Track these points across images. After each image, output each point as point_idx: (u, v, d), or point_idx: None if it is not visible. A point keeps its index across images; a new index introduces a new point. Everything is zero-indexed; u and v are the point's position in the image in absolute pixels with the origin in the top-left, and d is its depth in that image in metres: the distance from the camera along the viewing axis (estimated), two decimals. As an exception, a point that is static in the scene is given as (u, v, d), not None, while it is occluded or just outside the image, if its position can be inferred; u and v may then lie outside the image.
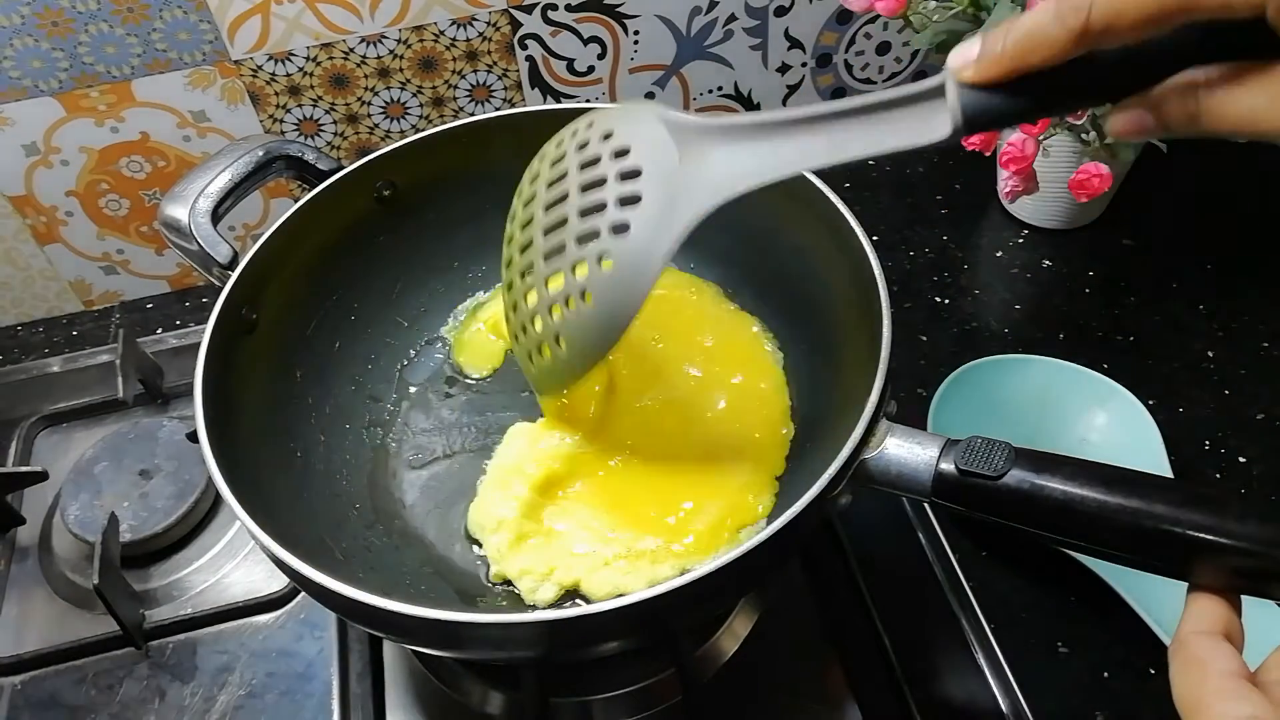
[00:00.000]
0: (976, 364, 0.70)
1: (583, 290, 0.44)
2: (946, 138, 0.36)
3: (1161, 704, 0.57)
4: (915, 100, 0.37)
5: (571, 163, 0.46)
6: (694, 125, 0.42)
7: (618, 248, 0.43)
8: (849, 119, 0.39)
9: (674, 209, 0.42)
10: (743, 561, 0.41)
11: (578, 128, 0.47)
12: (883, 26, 0.88)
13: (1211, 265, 0.82)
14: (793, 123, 0.40)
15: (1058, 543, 0.44)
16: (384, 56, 0.80)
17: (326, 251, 0.61)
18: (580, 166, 0.45)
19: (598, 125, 0.46)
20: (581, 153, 0.46)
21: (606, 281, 0.43)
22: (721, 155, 0.42)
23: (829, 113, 0.39)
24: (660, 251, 0.42)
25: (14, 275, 0.86)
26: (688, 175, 0.42)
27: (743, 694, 0.58)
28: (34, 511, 0.71)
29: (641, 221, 0.42)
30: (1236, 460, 0.68)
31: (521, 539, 0.54)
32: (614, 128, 0.45)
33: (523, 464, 0.57)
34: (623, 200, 0.43)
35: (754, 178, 0.41)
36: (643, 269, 0.42)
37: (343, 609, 0.44)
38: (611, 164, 0.44)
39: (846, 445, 0.44)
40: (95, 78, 0.75)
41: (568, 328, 0.46)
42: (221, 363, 0.52)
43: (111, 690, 0.62)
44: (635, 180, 0.43)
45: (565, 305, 0.45)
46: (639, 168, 0.43)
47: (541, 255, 0.47)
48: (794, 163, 0.40)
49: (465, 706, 0.59)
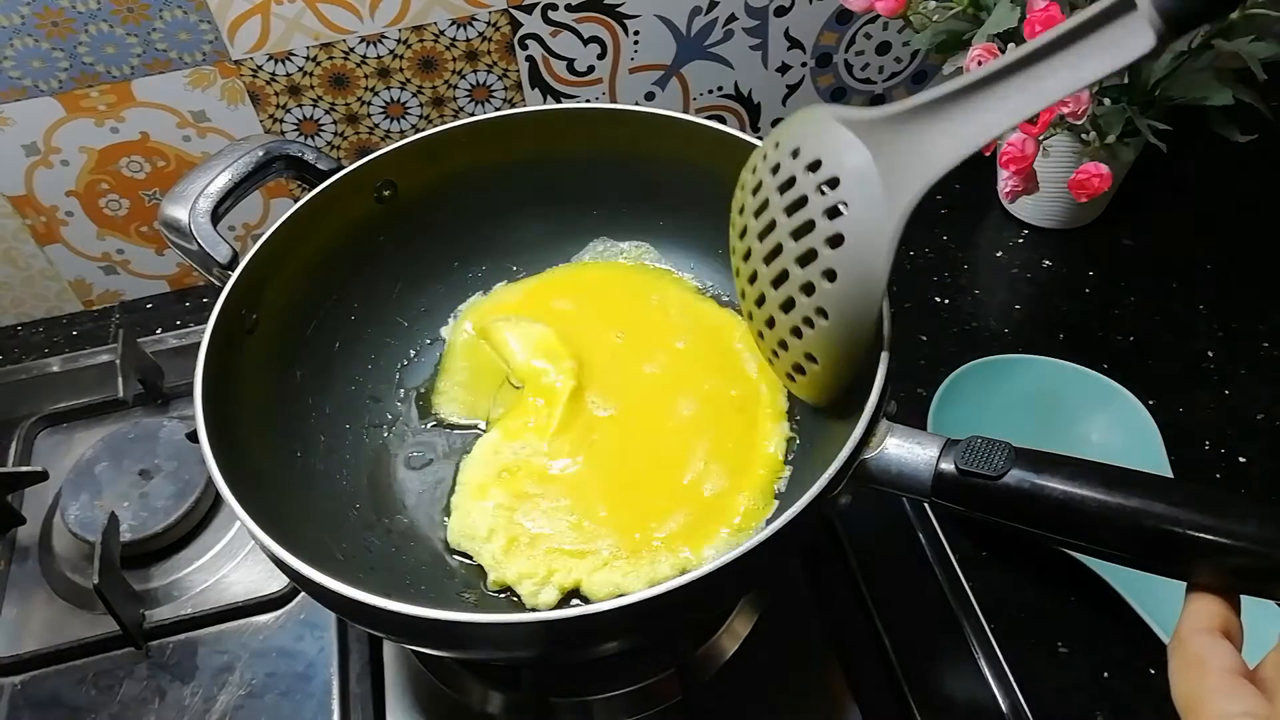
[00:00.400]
0: (976, 364, 0.70)
1: (819, 308, 0.45)
2: (1152, 47, 0.34)
3: (1161, 704, 0.57)
4: (1107, 18, 0.35)
5: (770, 189, 0.47)
6: (877, 118, 0.42)
7: (838, 260, 0.44)
8: (1040, 62, 0.37)
9: (881, 207, 0.42)
10: (743, 561, 0.41)
11: (766, 151, 0.49)
12: (883, 26, 0.88)
13: (1211, 265, 0.82)
14: (980, 84, 0.39)
15: (1058, 543, 0.44)
16: (384, 56, 0.80)
17: (326, 251, 0.61)
18: (779, 190, 0.47)
19: (784, 144, 0.47)
20: (776, 176, 0.47)
21: (837, 295, 0.44)
22: (913, 139, 0.41)
23: (1017, 61, 0.38)
24: (881, 252, 0.42)
25: (14, 275, 0.86)
26: (885, 169, 0.42)
27: (743, 694, 0.58)
28: (34, 511, 0.71)
29: (853, 229, 0.43)
30: (1236, 460, 0.68)
31: (513, 543, 0.54)
32: (800, 144, 0.46)
33: (495, 473, 0.57)
34: (829, 212, 0.44)
35: (955, 153, 0.41)
36: (868, 274, 0.43)
37: (343, 609, 0.44)
38: (808, 179, 0.45)
39: (846, 445, 0.44)
40: (95, 78, 0.75)
41: (816, 346, 0.47)
42: (221, 363, 0.52)
43: (111, 690, 0.62)
44: (835, 190, 0.43)
45: (808, 326, 0.47)
46: (835, 176, 0.44)
47: (770, 284, 0.48)
48: (991, 126, 0.39)
49: (465, 706, 0.59)
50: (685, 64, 0.86)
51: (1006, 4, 0.67)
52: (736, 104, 0.91)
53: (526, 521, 0.55)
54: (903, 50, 0.90)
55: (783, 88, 0.90)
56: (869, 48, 0.89)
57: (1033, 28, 0.64)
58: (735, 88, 0.89)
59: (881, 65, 0.91)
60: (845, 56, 0.89)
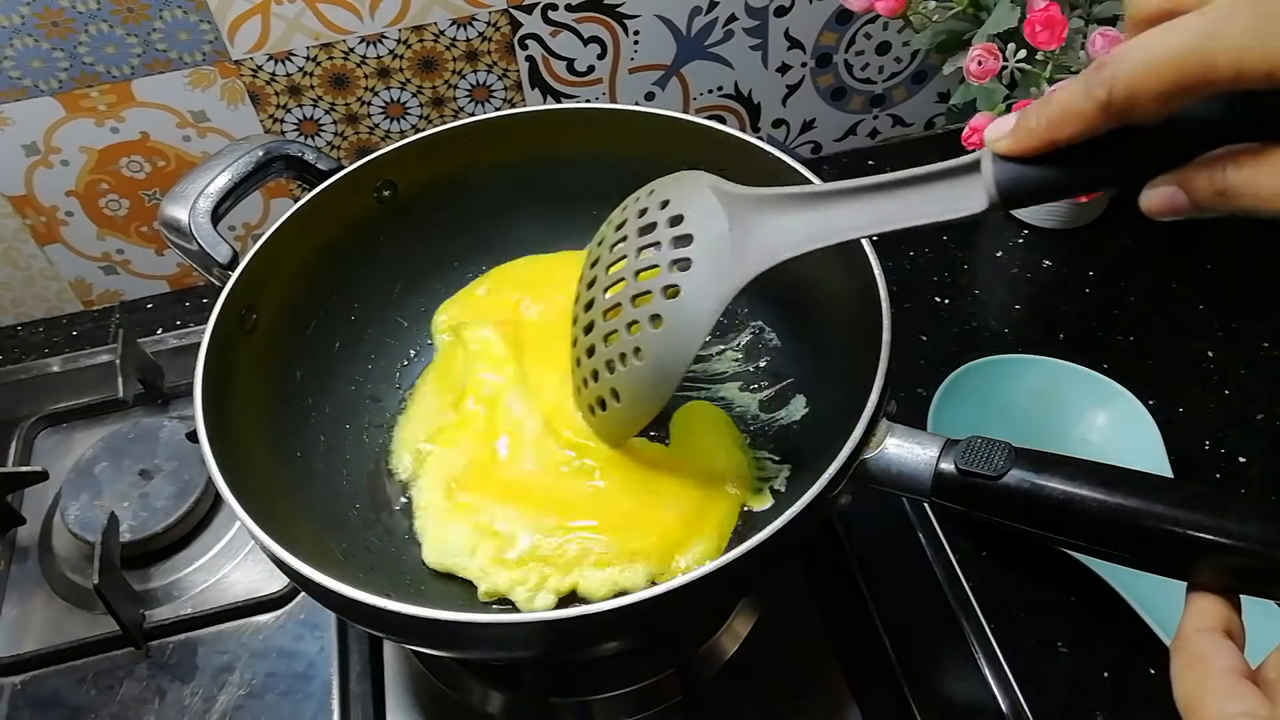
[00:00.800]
0: (976, 364, 0.70)
1: (636, 348, 0.48)
2: (982, 210, 0.38)
3: (1161, 704, 0.57)
4: (953, 174, 0.39)
5: (631, 229, 0.50)
6: (745, 195, 0.46)
7: (668, 309, 0.46)
8: (889, 190, 0.41)
9: (721, 273, 0.45)
10: (743, 561, 0.41)
11: (640, 194, 0.52)
12: (883, 26, 0.88)
13: (1211, 265, 0.82)
14: (836, 193, 0.43)
15: (1058, 543, 0.45)
16: (384, 56, 0.80)
17: (326, 251, 0.61)
18: (639, 232, 0.49)
19: (657, 193, 0.50)
20: (641, 219, 0.50)
21: (658, 339, 0.47)
22: (768, 223, 0.45)
23: (870, 185, 0.41)
24: (706, 311, 0.46)
25: (14, 275, 0.86)
26: (736, 241, 0.45)
27: (743, 694, 0.58)
28: (34, 511, 0.71)
29: (689, 285, 0.46)
30: (1236, 460, 0.68)
31: (500, 553, 0.53)
32: (670, 196, 0.49)
33: (443, 487, 0.57)
34: (676, 263, 0.46)
35: (796, 247, 0.44)
36: (691, 328, 0.46)
37: (343, 609, 0.44)
38: (666, 231, 0.48)
39: (846, 445, 0.44)
40: (95, 78, 0.75)
41: (623, 383, 0.50)
42: (221, 363, 0.52)
43: (111, 690, 0.62)
44: (687, 246, 0.46)
45: (621, 362, 0.49)
46: (691, 234, 0.46)
47: (601, 313, 0.51)
48: (834, 233, 0.43)
49: (465, 706, 0.59)
50: (685, 64, 0.86)
51: (1006, 4, 0.67)
52: (736, 104, 0.91)
53: (501, 526, 0.54)
54: (903, 50, 0.90)
55: (783, 88, 0.90)
56: (869, 48, 0.89)
57: (1033, 28, 0.64)
58: (735, 88, 0.89)
59: (881, 65, 0.91)
60: (845, 56, 0.89)
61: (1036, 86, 0.66)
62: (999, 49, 0.66)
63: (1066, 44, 0.64)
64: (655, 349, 0.47)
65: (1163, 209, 0.35)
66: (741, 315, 0.66)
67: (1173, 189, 0.34)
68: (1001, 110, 0.68)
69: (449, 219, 0.66)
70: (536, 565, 0.53)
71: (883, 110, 0.95)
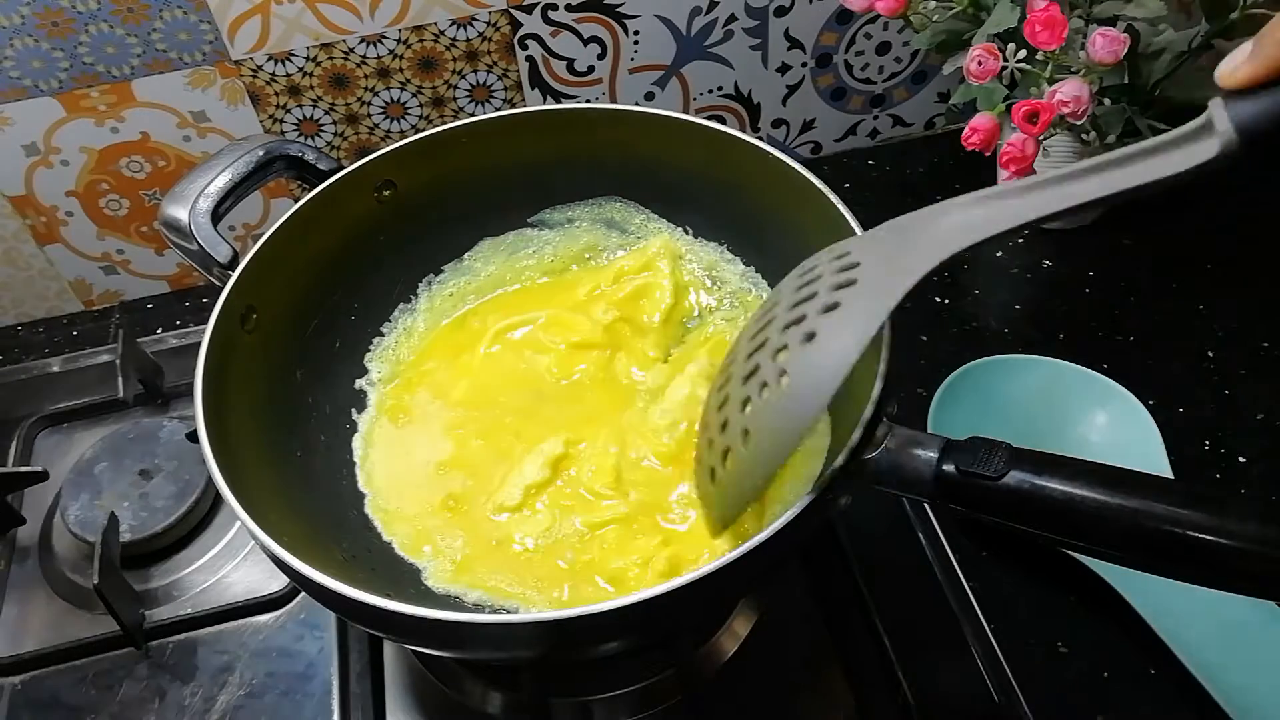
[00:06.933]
0: (976, 364, 0.70)
1: (781, 371, 0.39)
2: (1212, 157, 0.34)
3: (1161, 704, 0.57)
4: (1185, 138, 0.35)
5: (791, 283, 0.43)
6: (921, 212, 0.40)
7: (825, 324, 0.38)
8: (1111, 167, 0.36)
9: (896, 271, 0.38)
10: (743, 561, 0.41)
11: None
12: (883, 26, 0.88)
13: (1211, 265, 0.82)
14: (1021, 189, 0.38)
15: (1058, 543, 0.45)
16: (384, 56, 0.80)
17: (326, 251, 0.61)
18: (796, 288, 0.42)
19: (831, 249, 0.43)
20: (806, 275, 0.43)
21: (809, 356, 0.38)
22: (946, 219, 0.39)
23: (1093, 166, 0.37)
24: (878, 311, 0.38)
25: (14, 275, 0.86)
26: (907, 244, 0.39)
27: (743, 694, 0.58)
28: (34, 511, 0.71)
29: (853, 296, 0.38)
30: (1236, 460, 0.68)
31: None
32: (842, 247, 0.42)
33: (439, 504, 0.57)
34: (838, 285, 0.40)
35: (968, 235, 0.38)
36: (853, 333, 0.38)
37: (343, 609, 0.44)
38: (831, 264, 0.41)
39: (846, 445, 0.44)
40: (95, 78, 0.75)
41: (757, 419, 0.40)
42: (221, 363, 0.52)
43: (111, 690, 0.62)
44: (852, 270, 0.40)
45: (760, 393, 0.40)
46: (856, 261, 0.40)
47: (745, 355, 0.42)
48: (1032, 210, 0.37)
49: (465, 706, 0.59)
50: (685, 64, 0.86)
51: (1006, 4, 0.67)
52: (736, 104, 0.91)
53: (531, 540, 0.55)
54: (903, 50, 0.90)
55: (783, 88, 0.90)
56: (869, 48, 0.89)
57: (1033, 28, 0.64)
58: (735, 88, 0.89)
59: (881, 65, 0.91)
60: (845, 56, 0.89)
61: (1036, 86, 0.66)
62: (999, 49, 0.66)
63: (1066, 44, 0.64)
64: (803, 366, 0.38)
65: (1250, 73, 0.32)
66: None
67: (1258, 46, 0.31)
68: (1001, 110, 0.68)
69: (449, 219, 0.66)
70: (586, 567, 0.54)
71: (883, 110, 0.95)
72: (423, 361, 0.64)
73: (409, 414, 0.62)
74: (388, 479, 0.59)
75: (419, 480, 0.59)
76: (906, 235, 0.40)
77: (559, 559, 0.54)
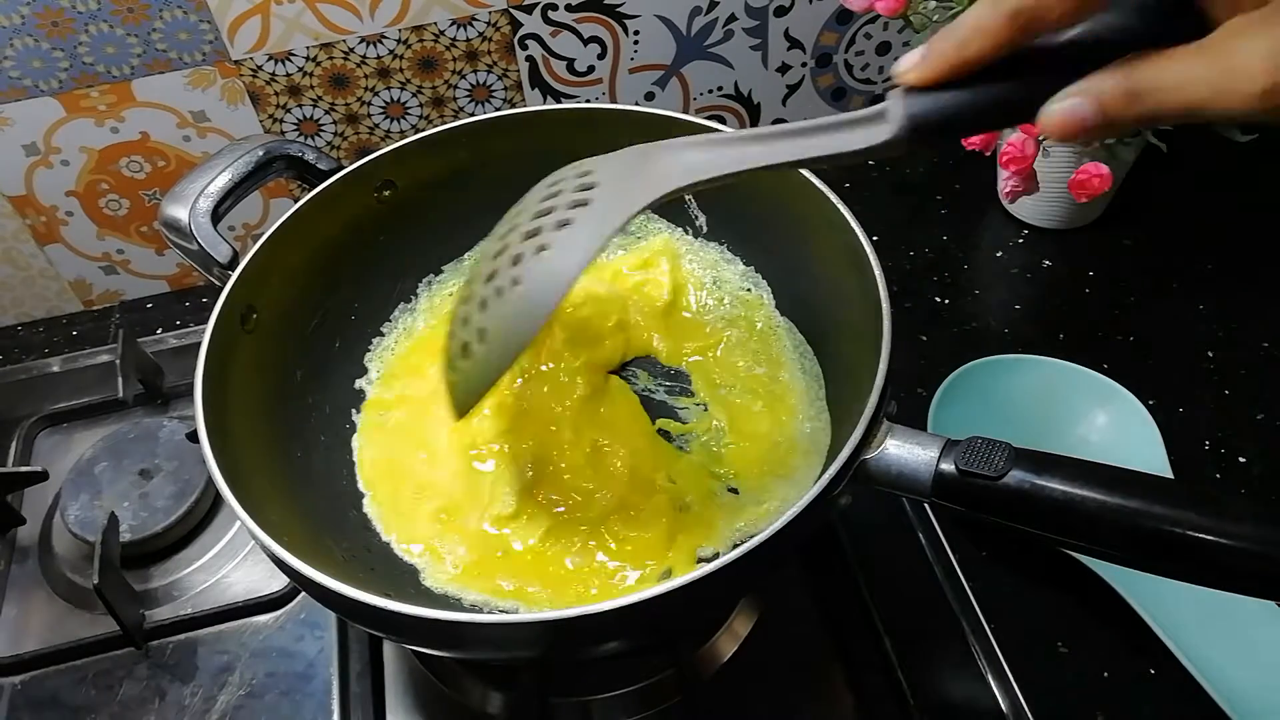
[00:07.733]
0: (976, 364, 0.70)
1: (515, 279, 0.42)
2: (887, 140, 0.37)
3: (1161, 704, 0.57)
4: (869, 119, 0.38)
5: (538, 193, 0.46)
6: (662, 143, 0.43)
7: (557, 239, 0.42)
8: (803, 134, 0.40)
9: (623, 198, 0.42)
10: (743, 562, 0.41)
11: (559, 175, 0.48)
12: (883, 26, 0.88)
13: (1211, 265, 0.82)
14: (748, 137, 0.41)
15: (1058, 543, 0.44)
16: (384, 56, 0.80)
17: (326, 251, 0.61)
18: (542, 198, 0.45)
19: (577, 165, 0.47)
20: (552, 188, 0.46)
21: (540, 266, 0.41)
22: (679, 156, 0.42)
23: (784, 130, 0.40)
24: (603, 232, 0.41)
25: (14, 275, 0.86)
26: (639, 174, 0.42)
27: (743, 694, 0.59)
28: (34, 511, 0.71)
29: (584, 216, 0.42)
30: (1236, 460, 0.68)
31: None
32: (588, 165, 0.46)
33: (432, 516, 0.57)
34: (574, 204, 0.43)
35: (690, 175, 0.41)
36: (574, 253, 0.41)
37: (343, 609, 0.44)
38: (574, 180, 0.44)
39: (846, 445, 0.44)
40: (95, 78, 0.75)
41: (494, 319, 0.43)
42: (221, 363, 0.52)
43: (111, 690, 0.62)
44: (589, 191, 0.43)
45: (497, 295, 0.43)
46: (595, 181, 0.44)
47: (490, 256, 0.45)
48: (740, 161, 0.41)
49: (465, 706, 0.59)
50: (685, 64, 0.86)
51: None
52: (736, 104, 0.91)
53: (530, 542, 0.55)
54: (903, 50, 0.90)
55: (783, 88, 0.90)
56: (869, 48, 0.89)
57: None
58: (735, 88, 0.89)
59: (881, 65, 0.91)
60: (845, 56, 0.89)
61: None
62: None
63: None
64: (535, 276, 0.41)
65: (1065, 123, 0.33)
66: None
67: (1077, 99, 0.33)
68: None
69: (449, 219, 0.66)
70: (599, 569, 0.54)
71: (883, 110, 0.94)
72: (418, 360, 0.64)
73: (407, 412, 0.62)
74: (387, 478, 0.59)
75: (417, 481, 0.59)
76: (643, 164, 0.43)
77: (558, 559, 0.54)
